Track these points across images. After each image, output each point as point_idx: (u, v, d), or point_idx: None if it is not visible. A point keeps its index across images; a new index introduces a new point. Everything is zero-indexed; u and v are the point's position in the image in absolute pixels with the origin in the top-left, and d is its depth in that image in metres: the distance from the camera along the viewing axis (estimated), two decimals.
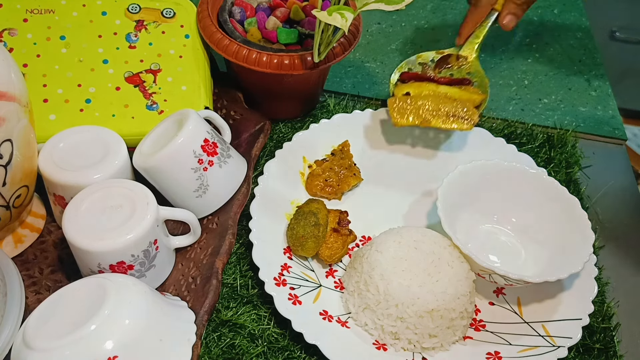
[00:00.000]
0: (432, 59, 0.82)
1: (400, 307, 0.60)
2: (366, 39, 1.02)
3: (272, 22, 0.77)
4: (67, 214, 0.59)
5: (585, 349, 0.63)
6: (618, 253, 0.74)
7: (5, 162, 0.56)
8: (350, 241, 0.69)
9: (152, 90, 0.72)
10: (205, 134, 0.66)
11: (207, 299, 0.60)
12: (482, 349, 0.62)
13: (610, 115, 0.93)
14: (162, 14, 0.76)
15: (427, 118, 0.73)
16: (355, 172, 0.76)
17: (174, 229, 0.70)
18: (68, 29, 0.73)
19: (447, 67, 0.82)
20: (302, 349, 0.61)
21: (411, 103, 0.73)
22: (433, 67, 0.82)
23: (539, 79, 0.98)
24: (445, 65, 0.82)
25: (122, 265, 0.59)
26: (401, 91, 0.76)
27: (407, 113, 0.73)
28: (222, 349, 0.60)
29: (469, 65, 0.81)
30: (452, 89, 0.77)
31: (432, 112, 0.73)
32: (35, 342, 0.49)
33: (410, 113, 0.73)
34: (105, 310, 0.50)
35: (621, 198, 0.82)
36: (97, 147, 0.65)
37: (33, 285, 0.63)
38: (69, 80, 0.71)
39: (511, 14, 0.79)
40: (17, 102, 0.56)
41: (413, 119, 0.73)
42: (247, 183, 0.71)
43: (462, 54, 0.82)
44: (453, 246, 0.64)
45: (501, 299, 0.67)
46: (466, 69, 0.81)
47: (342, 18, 0.64)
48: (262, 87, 0.78)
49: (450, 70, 0.82)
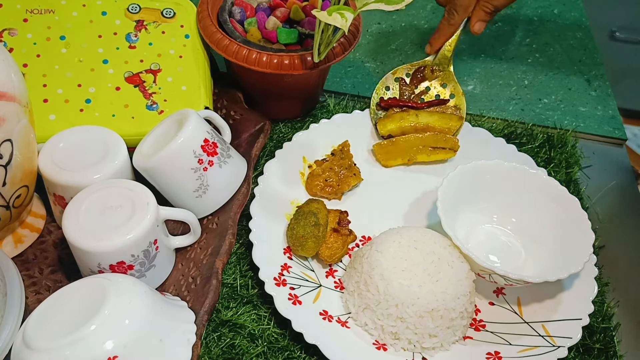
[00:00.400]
0: (407, 73, 0.84)
1: (400, 307, 0.60)
2: (366, 39, 1.02)
3: (272, 22, 0.77)
4: (67, 214, 0.59)
5: (585, 349, 0.63)
6: (618, 253, 0.74)
7: (5, 162, 0.56)
8: (350, 241, 0.69)
9: (152, 90, 0.72)
10: (205, 134, 0.66)
11: (207, 299, 0.60)
12: (482, 349, 0.62)
13: (610, 115, 0.93)
14: (162, 14, 0.76)
15: (413, 156, 0.78)
16: (355, 172, 0.76)
17: (174, 229, 0.70)
18: (68, 29, 0.73)
19: (423, 81, 0.83)
20: (302, 349, 0.61)
21: (395, 145, 0.78)
22: (409, 81, 0.84)
23: (539, 79, 0.98)
24: (421, 78, 0.83)
25: (122, 266, 0.59)
26: (384, 128, 0.79)
27: (394, 156, 0.79)
28: (222, 349, 0.60)
29: (444, 75, 0.83)
30: (433, 117, 0.79)
31: (416, 150, 0.78)
32: (35, 342, 0.49)
33: (397, 155, 0.79)
34: (105, 311, 0.50)
35: (621, 198, 0.82)
36: (97, 147, 0.65)
37: (33, 286, 0.63)
38: (69, 80, 0.71)
39: (481, 20, 0.80)
40: (17, 102, 0.56)
41: (400, 159, 0.79)
42: (247, 183, 0.71)
43: (437, 66, 0.83)
44: (453, 246, 0.64)
45: (501, 299, 0.67)
46: (442, 79, 0.83)
47: (342, 18, 0.64)
48: (262, 87, 0.78)
49: (426, 82, 0.83)
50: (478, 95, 0.94)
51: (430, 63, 0.83)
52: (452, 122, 0.79)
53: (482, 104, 0.92)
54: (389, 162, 0.79)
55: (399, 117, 0.79)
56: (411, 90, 0.83)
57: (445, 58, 0.83)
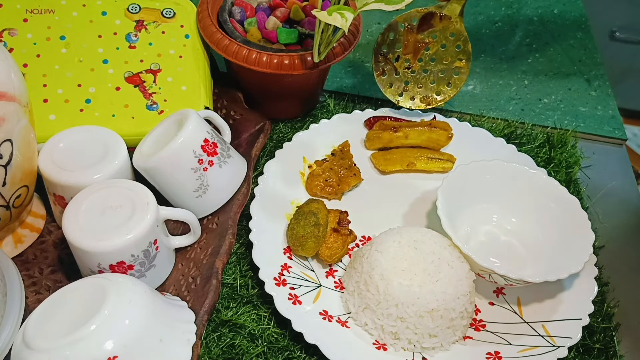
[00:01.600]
0: (414, 20, 0.78)
1: (400, 307, 0.60)
2: (366, 39, 1.02)
3: (272, 22, 0.77)
4: (67, 214, 0.59)
5: (585, 349, 0.63)
6: (618, 253, 0.74)
7: (5, 162, 0.56)
8: (350, 241, 0.69)
9: (152, 90, 0.72)
10: (205, 134, 0.66)
11: (207, 299, 0.60)
12: (482, 348, 0.62)
13: (610, 115, 0.93)
14: (162, 14, 0.76)
15: (412, 162, 0.78)
16: (355, 172, 0.76)
17: (174, 229, 0.70)
18: (68, 29, 0.73)
19: (430, 30, 0.78)
20: (302, 349, 0.61)
21: (391, 153, 0.78)
22: (416, 27, 0.78)
23: (539, 79, 0.98)
24: (428, 27, 0.78)
25: (122, 265, 0.59)
26: (373, 146, 0.79)
27: (392, 163, 0.78)
28: (222, 349, 0.60)
29: (453, 25, 0.77)
30: (422, 136, 0.78)
31: (414, 158, 0.78)
32: (35, 342, 0.49)
33: (396, 162, 0.78)
34: (105, 311, 0.50)
35: (621, 198, 0.82)
36: (97, 147, 0.65)
37: (33, 285, 0.63)
38: (69, 80, 0.71)
39: None
40: (17, 102, 0.56)
41: (399, 165, 0.78)
42: (247, 183, 0.71)
43: (446, 13, 0.77)
44: (453, 246, 0.64)
45: (501, 299, 0.67)
46: (450, 29, 0.78)
47: (342, 18, 0.64)
48: (262, 87, 0.78)
49: (434, 32, 0.78)
50: (478, 95, 0.94)
51: (439, 10, 0.77)
52: (441, 139, 0.79)
53: (482, 104, 0.92)
54: (388, 167, 0.78)
55: (387, 138, 0.78)
56: (416, 39, 0.78)
57: (456, 6, 0.77)
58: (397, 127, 0.78)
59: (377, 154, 0.79)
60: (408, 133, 0.78)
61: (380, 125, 0.78)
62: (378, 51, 0.80)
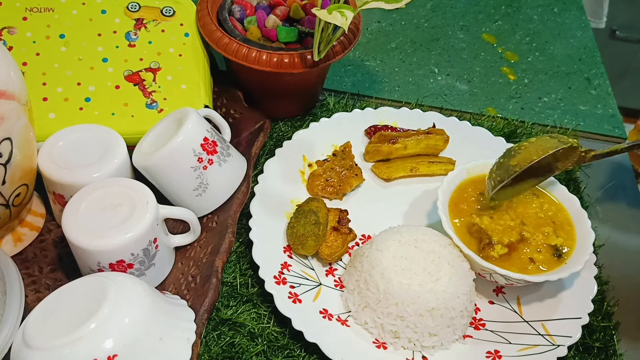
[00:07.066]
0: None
1: (400, 305, 0.60)
2: (366, 37, 1.02)
3: (272, 20, 0.77)
4: (67, 212, 0.59)
5: (585, 348, 0.63)
6: (618, 253, 0.74)
7: (4, 160, 0.56)
8: (350, 240, 0.69)
9: (152, 89, 0.72)
10: (205, 133, 0.66)
11: (206, 298, 0.60)
12: (482, 347, 0.62)
13: (610, 114, 0.93)
14: (161, 13, 0.76)
15: (415, 167, 0.78)
16: (357, 172, 0.76)
17: (173, 228, 0.70)
18: (67, 27, 0.73)
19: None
20: (302, 348, 0.61)
21: (394, 162, 0.78)
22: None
23: (539, 77, 0.98)
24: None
25: (121, 264, 0.59)
26: (373, 159, 0.79)
27: (395, 170, 0.77)
28: (222, 347, 0.60)
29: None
30: (420, 145, 0.78)
31: (416, 162, 0.78)
32: (35, 341, 0.49)
33: (398, 169, 0.77)
34: (105, 309, 0.50)
35: (621, 198, 0.82)
36: (97, 146, 0.65)
37: (33, 284, 0.63)
38: (69, 79, 0.71)
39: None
40: (16, 101, 0.56)
41: (402, 172, 0.77)
42: (247, 182, 0.71)
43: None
44: (453, 245, 0.64)
45: (501, 298, 0.67)
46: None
47: (342, 16, 0.64)
48: (261, 86, 0.78)
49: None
50: (478, 94, 0.94)
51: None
52: (439, 143, 0.79)
53: (482, 102, 0.92)
54: (392, 174, 0.77)
55: (387, 151, 0.78)
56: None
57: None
58: (395, 139, 0.78)
59: (378, 164, 0.78)
60: (406, 143, 0.78)
61: (379, 137, 0.78)
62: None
